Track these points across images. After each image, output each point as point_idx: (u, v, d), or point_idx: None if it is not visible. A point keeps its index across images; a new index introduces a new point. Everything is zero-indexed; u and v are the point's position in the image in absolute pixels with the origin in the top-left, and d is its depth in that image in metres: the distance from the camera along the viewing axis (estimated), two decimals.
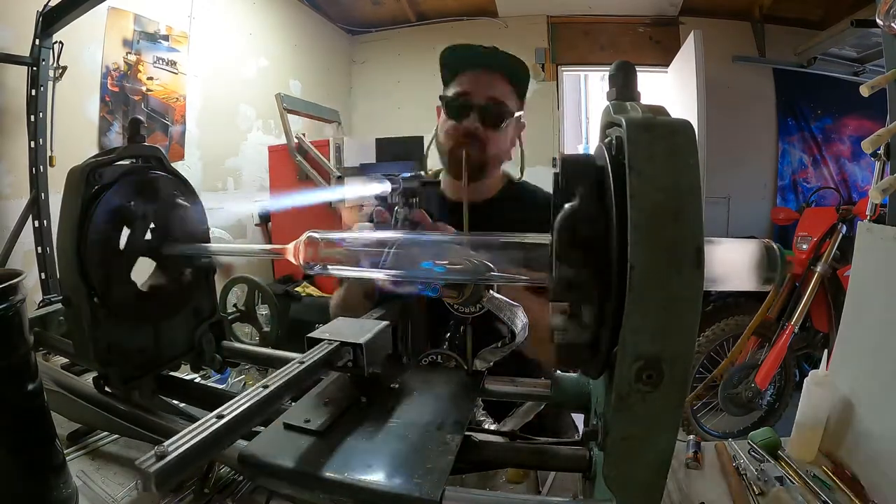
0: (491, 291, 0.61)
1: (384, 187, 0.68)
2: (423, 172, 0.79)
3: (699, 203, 0.33)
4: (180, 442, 0.33)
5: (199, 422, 0.36)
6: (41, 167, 1.76)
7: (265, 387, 0.41)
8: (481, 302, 0.61)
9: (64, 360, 0.97)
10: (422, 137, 0.80)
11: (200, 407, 0.77)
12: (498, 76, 1.00)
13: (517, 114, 1.03)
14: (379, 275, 0.57)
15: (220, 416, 0.37)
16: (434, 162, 1.10)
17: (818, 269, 2.24)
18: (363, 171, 0.82)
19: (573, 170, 0.40)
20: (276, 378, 0.43)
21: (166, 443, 0.32)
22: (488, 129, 0.97)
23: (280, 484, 0.45)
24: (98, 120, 2.32)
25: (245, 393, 0.41)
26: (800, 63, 3.43)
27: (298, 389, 0.46)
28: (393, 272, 0.55)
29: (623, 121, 0.35)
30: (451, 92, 1.02)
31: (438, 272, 0.52)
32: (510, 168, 1.13)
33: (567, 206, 0.39)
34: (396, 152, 0.74)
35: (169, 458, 0.31)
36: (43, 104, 1.76)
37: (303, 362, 0.46)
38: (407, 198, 0.72)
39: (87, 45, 2.25)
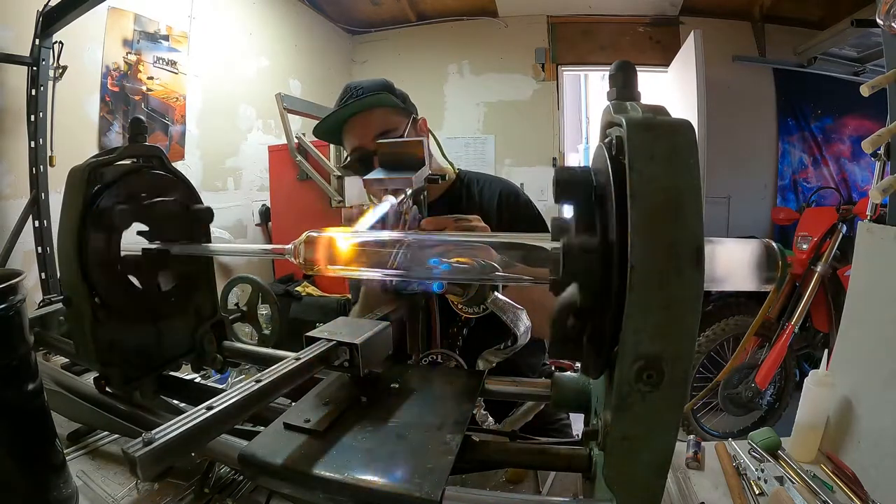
0: (496, 293, 0.61)
1: (391, 202, 0.68)
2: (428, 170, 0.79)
3: (699, 203, 0.33)
4: (168, 430, 0.34)
5: (189, 412, 0.36)
6: (41, 167, 1.76)
7: (258, 381, 0.42)
8: (485, 303, 0.61)
9: (64, 360, 0.97)
10: (421, 141, 0.79)
11: None
12: (371, 111, 1.02)
13: (408, 123, 1.04)
14: (379, 275, 0.57)
15: (209, 408, 0.37)
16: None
17: (818, 269, 2.24)
18: (367, 185, 0.82)
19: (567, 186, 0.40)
20: (270, 374, 0.44)
21: (154, 430, 0.33)
22: None
23: (280, 484, 0.45)
24: (98, 120, 2.31)
25: (237, 386, 0.41)
26: (800, 63, 3.42)
27: (292, 386, 0.46)
28: (395, 272, 0.55)
29: (623, 120, 0.35)
30: (345, 156, 1.06)
31: (444, 270, 0.52)
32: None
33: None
34: (396, 157, 0.75)
35: (155, 444, 0.32)
36: (43, 104, 1.77)
37: (299, 358, 0.47)
38: (416, 197, 0.73)
39: (87, 45, 2.25)
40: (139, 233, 0.73)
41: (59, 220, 0.66)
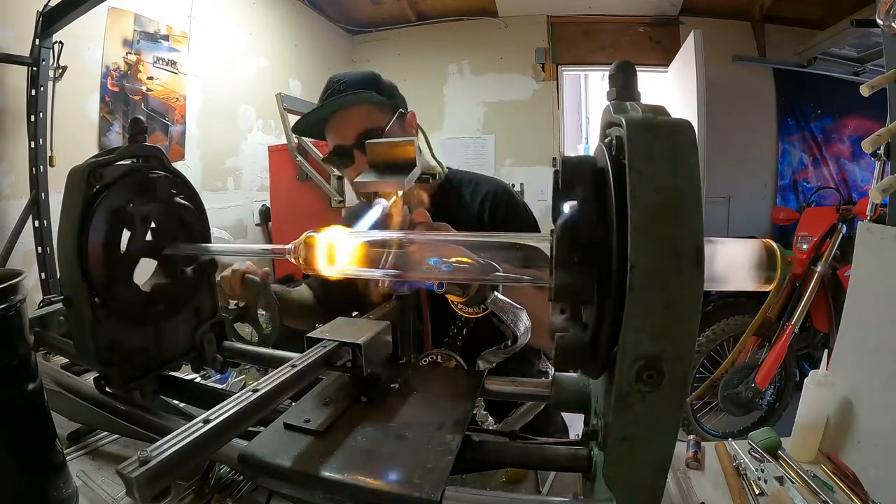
0: (496, 293, 0.61)
1: (382, 206, 0.68)
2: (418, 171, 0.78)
3: (699, 203, 0.33)
4: (164, 447, 0.32)
5: (185, 426, 0.35)
6: (41, 167, 1.76)
7: (255, 391, 0.41)
8: (485, 303, 0.61)
9: (64, 360, 0.97)
10: (412, 141, 0.78)
11: (201, 407, 0.77)
12: (351, 109, 1.01)
13: (392, 118, 1.02)
14: (379, 274, 0.57)
15: (206, 421, 0.36)
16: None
17: (818, 269, 2.24)
18: (356, 187, 0.82)
19: (573, 171, 0.40)
20: (267, 381, 0.43)
21: (150, 448, 0.32)
22: None
23: (280, 484, 0.45)
24: (98, 120, 2.32)
25: (234, 396, 0.40)
26: (800, 63, 3.43)
27: (291, 391, 0.45)
28: (395, 272, 0.55)
29: (623, 120, 0.35)
30: (328, 153, 1.05)
31: (444, 270, 0.52)
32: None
33: (566, 209, 0.39)
34: (387, 159, 0.74)
35: (152, 463, 0.31)
36: (43, 104, 1.77)
37: (295, 365, 0.46)
38: (406, 198, 0.73)
39: (87, 45, 2.25)
40: (139, 233, 0.73)
41: (59, 220, 0.66)
